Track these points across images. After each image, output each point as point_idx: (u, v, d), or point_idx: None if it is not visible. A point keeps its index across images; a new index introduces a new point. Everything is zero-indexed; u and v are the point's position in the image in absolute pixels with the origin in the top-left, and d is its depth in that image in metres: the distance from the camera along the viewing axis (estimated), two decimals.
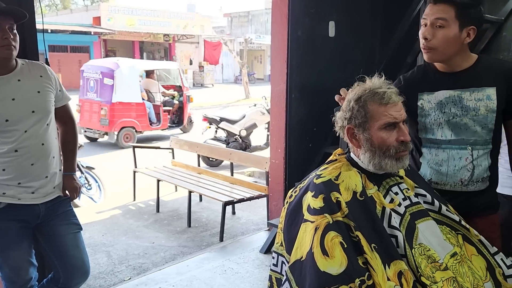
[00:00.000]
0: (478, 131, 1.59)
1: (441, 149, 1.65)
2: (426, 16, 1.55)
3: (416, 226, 1.31)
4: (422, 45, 1.58)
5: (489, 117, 1.58)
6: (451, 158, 1.63)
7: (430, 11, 1.54)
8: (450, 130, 1.62)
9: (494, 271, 1.35)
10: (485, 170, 1.63)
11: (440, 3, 1.51)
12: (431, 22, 1.53)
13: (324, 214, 1.26)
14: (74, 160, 2.10)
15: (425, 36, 1.54)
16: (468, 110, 1.59)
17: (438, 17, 1.51)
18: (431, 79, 1.65)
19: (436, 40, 1.53)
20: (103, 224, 4.32)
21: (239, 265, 3.16)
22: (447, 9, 1.51)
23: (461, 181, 1.63)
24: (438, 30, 1.52)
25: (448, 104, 1.61)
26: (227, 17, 32.76)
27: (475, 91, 1.58)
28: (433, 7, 1.53)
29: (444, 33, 1.52)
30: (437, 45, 1.54)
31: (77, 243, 2.01)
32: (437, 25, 1.52)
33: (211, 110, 13.98)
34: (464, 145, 1.61)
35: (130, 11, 23.30)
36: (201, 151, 5.25)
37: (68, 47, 21.85)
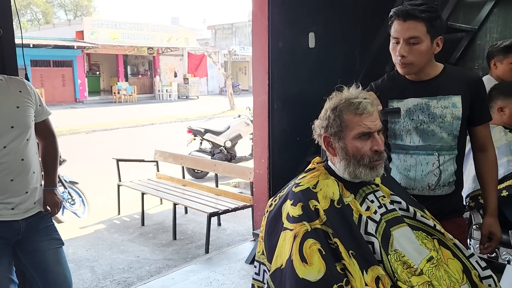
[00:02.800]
0: (444, 138, 1.66)
1: (409, 154, 1.70)
2: (398, 34, 1.60)
3: (391, 233, 1.34)
4: (398, 61, 1.63)
5: (454, 124, 1.65)
6: (419, 163, 1.69)
7: (401, 29, 1.59)
8: (418, 136, 1.68)
9: (470, 274, 1.39)
10: (451, 175, 1.69)
11: (410, 20, 1.57)
12: (405, 39, 1.58)
13: (303, 222, 1.28)
14: (55, 175, 2.08)
15: (402, 53, 1.60)
16: (435, 117, 1.65)
17: (411, 35, 1.57)
18: (400, 87, 1.70)
19: (412, 56, 1.60)
20: (87, 239, 4.26)
21: (224, 276, 3.15)
22: (418, 25, 1.57)
23: (428, 186, 1.68)
24: (412, 46, 1.58)
25: (416, 111, 1.67)
26: (211, 30, 32.95)
27: (442, 99, 1.65)
28: (403, 25, 1.58)
29: (418, 49, 1.59)
30: (413, 60, 1.61)
31: (58, 259, 1.98)
32: (411, 42, 1.57)
33: (196, 122, 13.99)
34: (431, 151, 1.67)
35: (114, 24, 23.26)
36: (185, 163, 5.24)
37: (51, 61, 21.68)
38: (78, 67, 22.44)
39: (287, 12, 3.44)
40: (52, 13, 39.25)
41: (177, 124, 14.10)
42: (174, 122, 14.91)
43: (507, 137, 2.20)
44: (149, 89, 26.58)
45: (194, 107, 19.68)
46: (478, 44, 3.45)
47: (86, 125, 13.51)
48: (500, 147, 2.17)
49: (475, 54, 3.46)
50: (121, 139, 11.44)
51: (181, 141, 9.08)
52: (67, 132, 12.25)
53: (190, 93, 25.59)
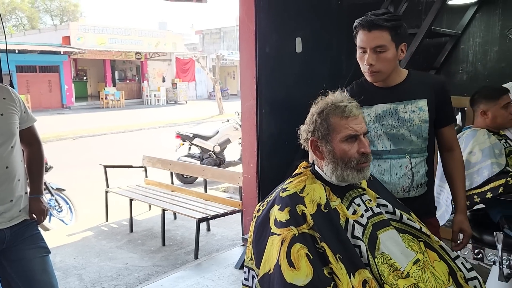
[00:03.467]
0: (414, 141, 1.71)
1: (382, 159, 1.75)
2: (364, 43, 1.65)
3: (377, 236, 1.35)
4: (367, 70, 1.69)
5: (422, 127, 1.71)
6: (392, 167, 1.74)
7: (367, 39, 1.64)
8: (389, 141, 1.73)
9: (456, 275, 1.40)
10: (423, 176, 1.75)
11: (375, 30, 1.62)
12: (372, 48, 1.64)
13: (290, 226, 1.28)
14: (40, 183, 2.06)
15: (370, 62, 1.66)
16: (404, 122, 1.71)
17: (377, 44, 1.63)
18: (369, 94, 1.75)
19: (379, 64, 1.66)
20: (74, 246, 4.21)
21: (214, 282, 3.14)
22: (382, 34, 1.62)
23: (403, 188, 1.74)
24: (379, 55, 1.64)
25: (386, 116, 1.73)
26: (199, 34, 32.95)
27: (409, 104, 1.71)
28: (369, 35, 1.64)
29: (385, 57, 1.65)
30: (381, 68, 1.67)
31: (45, 267, 1.95)
32: (377, 50, 1.63)
33: (185, 127, 13.96)
34: (403, 154, 1.73)
35: (101, 29, 23.14)
36: (174, 168, 5.22)
37: (37, 67, 21.46)
38: (64, 72, 22.24)
39: (274, 18, 3.47)
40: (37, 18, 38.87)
41: (165, 129, 14.04)
42: (162, 127, 14.85)
43: (491, 140, 2.24)
44: (137, 94, 26.44)
45: (182, 112, 19.63)
46: (462, 48, 3.50)
47: (73, 131, 13.38)
48: (484, 149, 2.21)
49: (459, 58, 3.52)
50: (109, 145, 11.35)
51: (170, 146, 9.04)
52: (54, 138, 12.13)
53: (178, 98, 25.52)
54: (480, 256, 2.27)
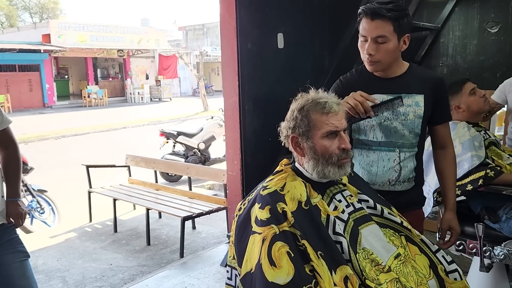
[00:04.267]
0: (406, 135, 1.70)
1: (371, 150, 1.74)
2: (366, 32, 1.62)
3: (359, 231, 1.35)
4: (367, 59, 1.66)
5: (416, 122, 1.70)
6: (381, 159, 1.73)
7: (369, 28, 1.61)
8: (381, 133, 1.72)
9: (437, 268, 1.42)
10: (411, 171, 1.75)
11: (378, 19, 1.59)
12: (373, 38, 1.61)
13: (271, 225, 1.27)
14: (17, 185, 2.01)
15: (369, 52, 1.63)
16: (399, 115, 1.69)
17: (379, 35, 1.60)
18: (367, 83, 1.73)
19: (380, 54, 1.63)
20: (57, 248, 4.15)
21: (200, 280, 3.12)
22: (385, 24, 1.59)
23: (388, 181, 1.73)
24: (380, 45, 1.61)
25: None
26: (182, 31, 32.67)
27: (406, 97, 1.69)
28: (371, 23, 1.60)
29: (386, 47, 1.62)
30: (381, 58, 1.64)
31: (24, 272, 1.91)
32: (378, 41, 1.60)
33: (169, 124, 13.86)
34: (393, 147, 1.72)
35: (81, 27, 22.75)
36: (158, 167, 5.18)
37: (17, 66, 21.02)
38: (45, 71, 21.84)
39: (255, 13, 3.44)
40: (16, 16, 38.05)
41: (150, 127, 13.92)
42: (147, 125, 14.71)
43: (470, 133, 2.26)
44: (120, 92, 26.12)
45: (167, 109, 19.48)
46: (442, 42, 3.54)
47: (55, 130, 13.16)
48: (464, 142, 2.23)
49: (439, 51, 3.55)
50: (92, 144, 11.20)
51: (154, 145, 8.97)
52: (35, 138, 11.93)
53: (162, 95, 25.30)
54: (461, 247, 2.30)
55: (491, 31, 3.30)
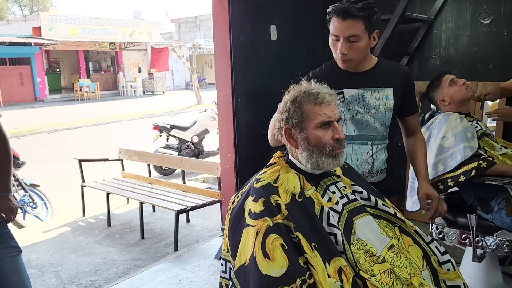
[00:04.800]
0: (377, 128, 1.75)
1: None
2: (338, 32, 1.65)
3: (353, 222, 1.35)
4: (340, 58, 1.70)
5: (387, 115, 1.74)
6: (354, 152, 1.77)
7: (341, 27, 1.63)
8: (354, 126, 1.76)
9: (430, 259, 1.42)
10: (383, 163, 1.80)
11: (349, 19, 1.61)
12: (345, 38, 1.63)
13: (265, 217, 1.27)
14: (8, 180, 1.99)
15: (343, 52, 1.66)
16: (370, 108, 1.74)
17: (351, 34, 1.63)
18: (338, 78, 1.76)
19: (352, 53, 1.67)
20: (51, 243, 4.13)
21: (194, 273, 3.12)
22: (356, 23, 1.61)
23: (362, 174, 1.77)
24: (352, 44, 1.65)
25: (353, 101, 1.75)
26: (175, 23, 32.41)
27: (376, 91, 1.74)
28: (343, 23, 1.62)
29: (358, 46, 1.65)
30: (354, 57, 1.68)
31: (16, 267, 1.90)
32: (351, 40, 1.63)
33: (163, 117, 13.80)
34: (365, 140, 1.76)
35: (73, 20, 22.49)
36: (151, 160, 5.15)
37: (7, 59, 20.75)
38: (36, 64, 21.59)
39: (248, 5, 3.41)
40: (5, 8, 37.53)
41: (143, 121, 13.84)
42: (140, 118, 14.63)
43: (463, 124, 2.27)
44: (112, 85, 25.92)
45: (160, 103, 19.38)
46: (435, 33, 3.53)
47: (48, 124, 13.05)
48: (457, 134, 2.24)
49: (432, 43, 3.54)
50: (84, 138, 11.13)
51: (147, 138, 8.93)
52: (27, 132, 11.82)
53: (155, 89, 25.14)
54: (454, 238, 2.31)
55: (483, 23, 3.30)
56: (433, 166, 2.24)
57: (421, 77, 3.64)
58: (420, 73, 3.65)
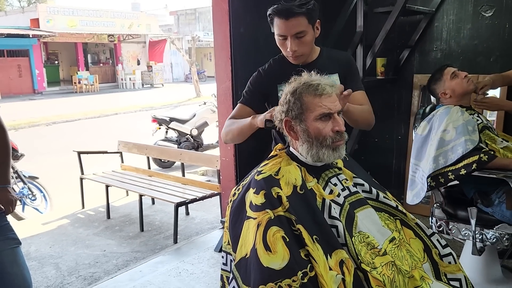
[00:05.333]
0: None
1: None
2: (284, 31, 1.70)
3: (355, 214, 1.35)
4: (291, 55, 1.77)
5: None
6: None
7: (286, 27, 1.69)
8: None
9: (431, 252, 1.42)
10: None
11: (292, 17, 1.66)
12: (292, 35, 1.69)
13: (266, 210, 1.26)
14: (7, 171, 1.98)
15: (293, 49, 1.72)
16: None
17: (297, 31, 1.69)
18: (288, 71, 1.76)
19: (302, 48, 1.74)
20: (50, 235, 4.12)
21: (194, 265, 3.13)
22: (300, 20, 1.67)
23: None
24: (300, 39, 1.71)
25: None
26: (174, 15, 32.27)
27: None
28: (287, 23, 1.68)
29: (306, 40, 1.73)
30: (304, 51, 1.76)
31: (15, 259, 1.89)
32: (298, 36, 1.69)
33: (162, 110, 13.77)
34: None
35: (71, 11, 22.36)
36: (150, 153, 5.14)
37: (5, 51, 20.65)
38: (35, 56, 21.48)
39: None
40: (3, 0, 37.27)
41: (142, 113, 13.81)
42: (139, 111, 14.60)
43: (464, 117, 2.26)
44: (111, 78, 25.83)
45: (159, 95, 19.33)
46: (436, 26, 3.51)
47: (46, 117, 13.02)
48: (458, 127, 2.23)
49: (433, 36, 3.52)
50: (83, 130, 11.10)
51: (146, 131, 8.91)
52: (25, 125, 11.80)
53: (154, 81, 25.05)
54: (454, 231, 2.32)
55: (485, 15, 3.28)
56: (433, 159, 2.24)
57: (421, 70, 3.62)
58: (421, 66, 3.63)
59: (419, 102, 3.67)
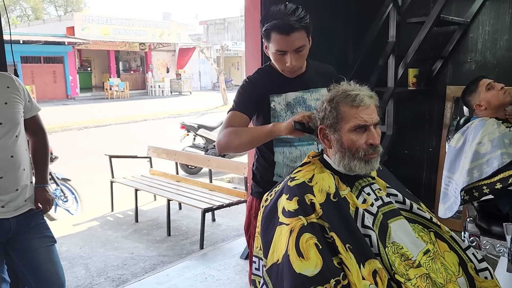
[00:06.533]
0: None
1: (293, 146, 1.79)
2: (285, 47, 1.64)
3: (388, 225, 1.33)
4: (289, 70, 1.71)
5: None
6: (303, 154, 1.77)
7: (287, 43, 1.63)
8: None
9: (466, 266, 1.38)
10: None
11: (293, 32, 1.61)
12: (293, 50, 1.65)
13: (299, 216, 1.26)
14: (46, 172, 2.05)
15: (293, 64, 1.67)
16: (311, 109, 1.76)
17: (299, 46, 1.64)
18: (278, 82, 1.76)
19: (300, 61, 1.71)
20: (80, 236, 4.23)
21: (220, 272, 3.14)
22: (301, 34, 1.64)
23: None
24: (300, 53, 1.67)
25: (296, 104, 1.76)
26: (203, 25, 32.80)
27: (314, 92, 1.79)
28: (288, 38, 1.62)
29: (305, 53, 1.70)
30: (301, 64, 1.73)
31: (50, 257, 1.95)
32: (298, 51, 1.65)
33: (189, 117, 13.95)
34: (312, 141, 1.77)
35: (105, 20, 23.07)
36: (179, 158, 5.22)
37: (42, 58, 21.45)
38: (69, 63, 22.23)
39: None
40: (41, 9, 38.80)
41: (170, 120, 14.04)
42: (167, 118, 14.84)
43: (500, 130, 2.20)
44: (141, 85, 26.41)
45: (187, 103, 19.61)
46: (471, 36, 3.44)
47: (78, 121, 13.41)
48: (494, 140, 2.18)
49: (468, 47, 3.46)
50: (113, 135, 11.37)
51: (174, 137, 9.03)
52: (59, 129, 12.16)
53: (182, 89, 25.46)
54: (488, 247, 2.25)
55: None
56: (468, 172, 2.19)
57: (455, 82, 3.56)
58: (454, 78, 3.57)
59: (451, 114, 3.60)
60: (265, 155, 1.82)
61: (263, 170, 1.86)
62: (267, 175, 1.84)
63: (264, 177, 1.86)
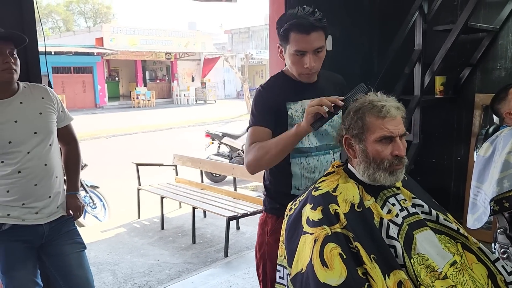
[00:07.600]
0: (335, 136, 1.63)
1: (311, 156, 1.72)
2: (304, 46, 1.59)
3: (414, 236, 1.32)
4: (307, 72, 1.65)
5: (339, 122, 1.68)
6: (320, 164, 1.73)
7: (307, 42, 1.59)
8: (315, 137, 1.72)
9: (496, 278, 1.35)
10: None
11: (313, 31, 1.58)
12: (312, 51, 1.60)
13: (323, 226, 1.27)
14: (77, 180, 2.12)
15: (312, 65, 1.61)
16: None
17: (319, 46, 1.60)
18: (293, 89, 1.71)
19: (318, 64, 1.65)
20: (108, 242, 4.32)
21: (244, 280, 3.15)
22: (320, 35, 1.60)
23: None
24: (319, 55, 1.63)
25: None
26: (228, 34, 33.15)
27: None
28: (308, 37, 1.58)
29: (322, 56, 1.65)
30: (319, 67, 1.67)
31: (81, 262, 2.02)
32: (317, 51, 1.62)
33: (214, 126, 14.08)
34: (328, 150, 1.74)
35: (132, 31, 23.64)
36: (204, 167, 5.28)
37: (72, 68, 22.15)
38: (98, 73, 22.87)
39: None
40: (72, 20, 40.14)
41: (195, 128, 14.22)
42: (192, 126, 15.03)
43: None
44: (167, 93, 26.88)
45: (211, 111, 19.81)
46: (500, 44, 3.37)
47: (106, 130, 13.74)
48: None
49: (497, 54, 3.38)
50: (140, 143, 11.58)
51: (199, 145, 9.13)
52: (88, 137, 12.49)
53: (207, 97, 25.77)
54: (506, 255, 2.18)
55: None
56: (497, 182, 2.14)
57: (484, 89, 3.49)
58: (483, 85, 3.49)
59: (480, 122, 3.52)
60: (281, 168, 1.71)
61: (278, 184, 1.79)
62: (284, 188, 1.75)
63: (281, 191, 1.77)
